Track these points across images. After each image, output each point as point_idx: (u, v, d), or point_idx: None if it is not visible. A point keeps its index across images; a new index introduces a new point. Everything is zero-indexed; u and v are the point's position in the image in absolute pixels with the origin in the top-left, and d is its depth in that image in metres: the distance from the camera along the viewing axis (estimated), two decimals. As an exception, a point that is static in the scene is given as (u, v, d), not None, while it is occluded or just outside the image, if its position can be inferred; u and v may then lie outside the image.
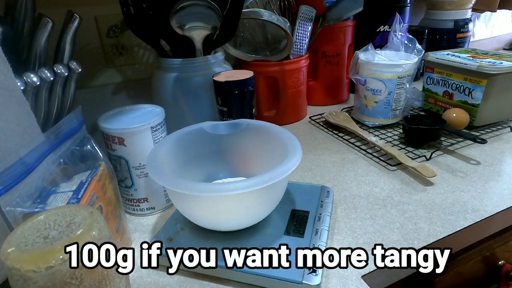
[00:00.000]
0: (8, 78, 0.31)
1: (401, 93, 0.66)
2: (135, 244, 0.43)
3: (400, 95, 0.66)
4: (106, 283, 0.26)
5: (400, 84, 0.64)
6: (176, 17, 0.49)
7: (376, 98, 0.67)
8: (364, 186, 0.51)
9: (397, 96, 0.66)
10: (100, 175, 0.36)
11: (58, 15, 0.46)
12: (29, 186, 0.30)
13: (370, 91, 0.67)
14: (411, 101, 0.68)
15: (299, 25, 0.71)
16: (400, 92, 0.66)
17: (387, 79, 0.64)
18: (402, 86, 0.65)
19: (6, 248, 0.23)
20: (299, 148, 0.38)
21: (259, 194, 0.35)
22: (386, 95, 0.65)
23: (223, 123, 0.47)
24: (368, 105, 0.68)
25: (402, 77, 0.64)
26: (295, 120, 0.77)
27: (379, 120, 0.69)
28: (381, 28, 0.82)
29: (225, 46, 0.69)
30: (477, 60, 0.65)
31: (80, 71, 0.42)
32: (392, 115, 0.68)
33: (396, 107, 0.67)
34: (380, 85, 0.65)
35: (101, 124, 0.42)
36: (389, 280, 0.39)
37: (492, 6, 1.05)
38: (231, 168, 0.48)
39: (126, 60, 0.71)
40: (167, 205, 0.49)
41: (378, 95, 0.66)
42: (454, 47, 0.94)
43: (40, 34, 0.41)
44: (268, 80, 0.71)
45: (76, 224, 0.25)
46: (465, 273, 0.51)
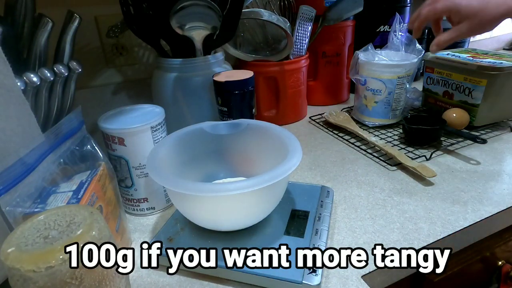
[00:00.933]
0: (8, 78, 0.31)
1: (401, 93, 0.66)
2: (135, 244, 0.43)
3: (400, 95, 0.66)
4: (106, 283, 0.26)
5: (400, 84, 0.65)
6: (176, 17, 0.49)
7: (376, 98, 0.66)
8: (364, 186, 0.51)
9: (397, 96, 0.66)
10: (100, 175, 0.36)
11: (58, 15, 0.46)
12: (29, 186, 0.30)
13: (370, 91, 0.67)
14: (411, 101, 0.68)
15: (299, 25, 0.71)
16: (400, 92, 0.66)
17: (387, 79, 0.64)
18: (402, 86, 0.65)
19: (6, 248, 0.23)
20: (299, 148, 0.38)
21: (259, 194, 0.35)
22: (386, 95, 0.65)
23: (223, 123, 0.47)
24: (368, 105, 0.68)
25: (402, 77, 0.64)
26: (295, 120, 0.77)
27: (379, 120, 0.69)
28: (381, 28, 0.82)
29: (225, 46, 0.69)
30: (477, 60, 0.65)
31: (80, 71, 0.42)
32: (392, 115, 0.68)
33: (396, 107, 0.67)
34: (380, 85, 0.65)
35: (101, 124, 0.42)
36: (389, 280, 0.39)
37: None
38: (231, 168, 0.48)
39: (126, 60, 0.71)
40: (167, 205, 0.49)
41: (378, 95, 0.66)
42: (454, 47, 0.94)
43: (40, 34, 0.41)
44: (268, 80, 0.71)
45: (76, 224, 0.25)
46: (465, 273, 0.51)
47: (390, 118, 0.68)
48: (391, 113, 0.67)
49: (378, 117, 0.68)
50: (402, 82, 0.64)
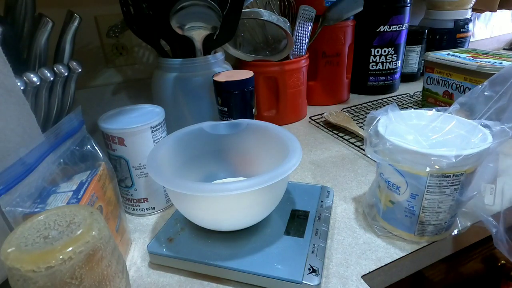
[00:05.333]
0: (8, 78, 0.31)
1: (438, 201, 0.36)
2: (135, 244, 0.43)
3: (435, 203, 0.36)
4: (106, 283, 0.26)
5: (435, 186, 0.35)
6: (176, 17, 0.49)
7: (392, 196, 0.39)
8: (364, 186, 0.51)
9: (430, 204, 0.36)
10: (100, 175, 0.36)
11: (58, 15, 0.46)
12: (29, 186, 0.30)
13: (384, 182, 0.39)
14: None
15: (299, 25, 0.71)
16: (436, 199, 0.36)
17: (409, 173, 0.36)
18: (444, 191, 0.35)
19: (6, 248, 0.23)
20: (299, 148, 0.38)
21: (259, 194, 0.35)
22: (407, 197, 0.37)
23: (223, 123, 0.47)
24: (382, 200, 0.41)
25: (439, 176, 0.34)
26: (295, 120, 0.77)
27: (397, 231, 0.40)
28: (381, 28, 0.82)
29: (225, 46, 0.69)
30: (477, 60, 0.65)
31: (80, 71, 0.42)
32: (419, 230, 0.39)
33: (427, 219, 0.38)
34: (399, 179, 0.37)
35: (101, 124, 0.43)
36: (389, 280, 0.39)
37: (492, 6, 1.05)
38: (231, 168, 0.48)
39: (126, 60, 0.71)
40: (167, 205, 0.49)
41: (395, 193, 0.38)
42: (454, 47, 0.94)
43: (40, 34, 0.41)
44: (268, 80, 0.71)
45: (76, 224, 0.25)
46: (465, 273, 0.51)
47: (416, 234, 0.39)
48: (418, 227, 0.38)
49: (394, 225, 0.40)
50: (441, 184, 0.35)
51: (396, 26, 0.82)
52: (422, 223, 0.38)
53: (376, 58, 0.86)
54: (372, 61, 0.87)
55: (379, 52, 0.85)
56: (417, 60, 0.97)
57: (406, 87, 0.95)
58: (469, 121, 0.39)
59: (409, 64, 0.97)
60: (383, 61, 0.86)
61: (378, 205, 0.42)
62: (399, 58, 0.88)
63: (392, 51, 0.85)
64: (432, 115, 0.42)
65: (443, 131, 0.41)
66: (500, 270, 0.55)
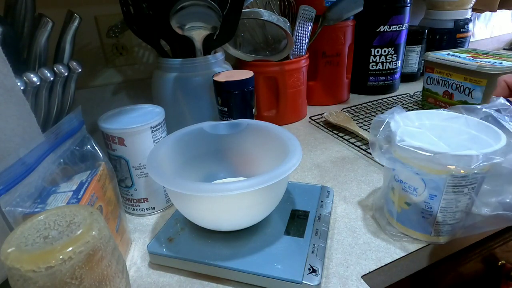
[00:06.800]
0: (8, 78, 0.31)
1: (456, 201, 0.36)
2: (135, 244, 0.43)
3: (453, 203, 0.37)
4: (106, 283, 0.26)
5: (455, 186, 0.35)
6: (176, 17, 0.49)
7: (409, 198, 0.39)
8: (364, 186, 0.51)
9: (448, 204, 0.36)
10: (100, 175, 0.36)
11: (58, 15, 0.46)
12: (29, 186, 0.30)
13: (399, 184, 0.39)
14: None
15: (299, 25, 0.71)
16: (454, 199, 0.36)
17: (429, 174, 0.36)
18: (462, 190, 0.36)
19: (6, 248, 0.23)
20: (299, 148, 0.38)
21: (259, 194, 0.35)
22: (425, 198, 0.37)
23: (223, 123, 0.47)
24: (396, 203, 0.40)
25: (461, 176, 0.35)
26: (295, 120, 0.77)
27: (412, 233, 0.40)
28: (381, 28, 0.82)
29: (225, 46, 0.69)
30: (477, 60, 0.65)
31: (80, 71, 0.42)
32: (435, 231, 0.39)
33: (444, 219, 0.38)
34: (417, 181, 0.37)
35: (101, 124, 0.43)
36: (389, 280, 0.39)
37: (492, 6, 1.05)
38: (231, 168, 0.48)
39: (126, 60, 0.71)
40: (167, 205, 0.49)
41: (412, 195, 0.38)
42: (454, 47, 0.94)
43: (40, 34, 0.41)
44: (268, 80, 0.71)
45: (76, 224, 0.25)
46: (465, 273, 0.51)
47: (432, 235, 0.39)
48: (434, 228, 0.38)
49: (409, 226, 0.40)
50: (460, 184, 0.35)
51: (396, 26, 0.82)
52: (438, 223, 0.38)
53: (376, 58, 0.86)
54: (372, 61, 0.87)
55: (379, 52, 0.85)
56: (417, 60, 0.97)
57: (406, 87, 0.95)
58: (478, 120, 0.40)
59: (409, 64, 0.97)
60: (383, 61, 0.86)
61: (391, 208, 0.41)
62: (399, 58, 0.88)
63: (392, 51, 0.85)
64: (441, 114, 0.43)
65: (455, 131, 0.42)
66: (500, 270, 0.55)
